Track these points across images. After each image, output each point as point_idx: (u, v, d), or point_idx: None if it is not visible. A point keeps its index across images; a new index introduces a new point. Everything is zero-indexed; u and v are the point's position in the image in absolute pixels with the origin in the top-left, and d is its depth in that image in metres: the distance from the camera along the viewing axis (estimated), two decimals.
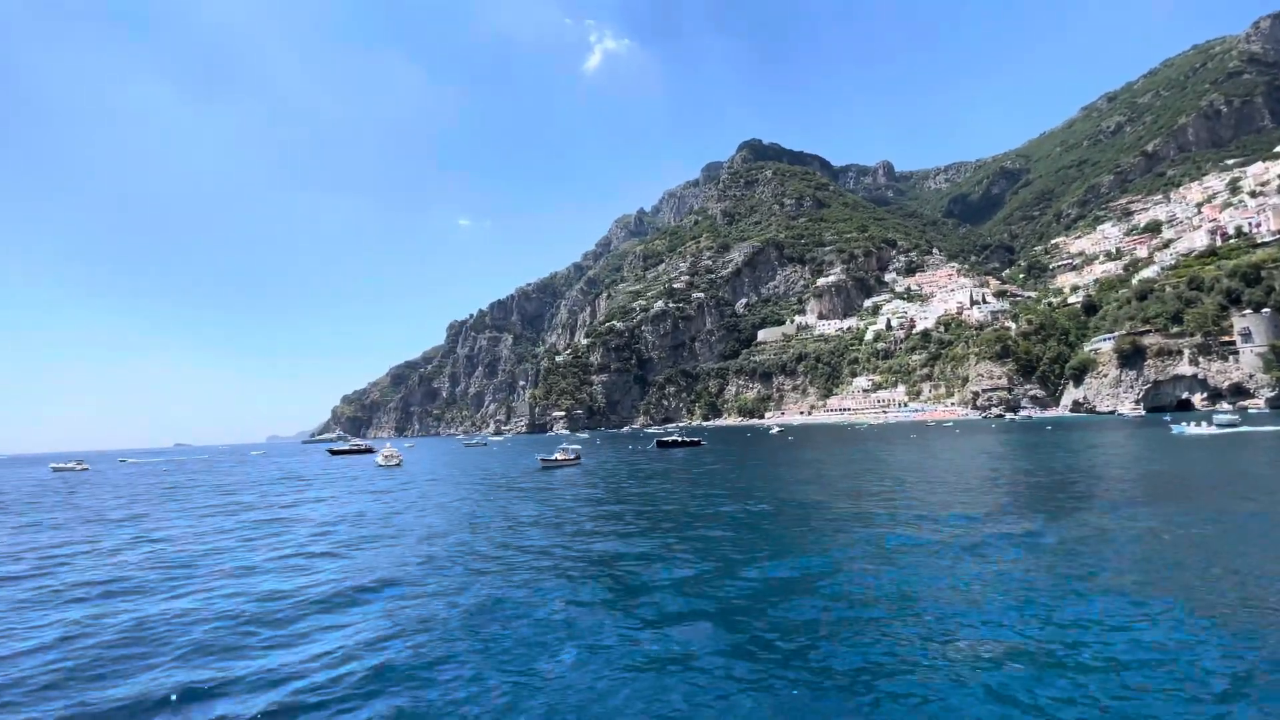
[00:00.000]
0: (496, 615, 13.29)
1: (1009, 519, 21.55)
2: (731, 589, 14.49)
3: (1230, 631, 10.36)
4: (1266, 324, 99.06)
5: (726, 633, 11.63)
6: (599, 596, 14.45)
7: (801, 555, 17.51)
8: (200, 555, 21.67)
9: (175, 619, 13.90)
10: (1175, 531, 18.17)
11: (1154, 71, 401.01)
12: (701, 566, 16.71)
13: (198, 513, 35.17)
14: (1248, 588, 12.67)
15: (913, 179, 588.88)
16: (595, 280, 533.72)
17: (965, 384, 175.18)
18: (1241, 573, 13.74)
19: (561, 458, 61.57)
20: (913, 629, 11.30)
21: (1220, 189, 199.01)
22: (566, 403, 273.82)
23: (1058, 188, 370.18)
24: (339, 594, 15.62)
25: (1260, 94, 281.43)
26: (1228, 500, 23.27)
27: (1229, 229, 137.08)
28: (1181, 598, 12.14)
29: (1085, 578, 13.92)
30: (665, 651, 10.86)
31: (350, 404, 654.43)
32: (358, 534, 24.94)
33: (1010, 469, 39.21)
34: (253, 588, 16.63)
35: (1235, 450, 42.51)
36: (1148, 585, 13.17)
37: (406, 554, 20.27)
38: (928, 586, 13.87)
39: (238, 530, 27.34)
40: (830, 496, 29.81)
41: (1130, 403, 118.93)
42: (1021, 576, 14.23)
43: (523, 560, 18.51)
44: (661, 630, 11.96)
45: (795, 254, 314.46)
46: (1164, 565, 14.76)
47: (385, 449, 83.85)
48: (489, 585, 15.78)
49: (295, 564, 19.53)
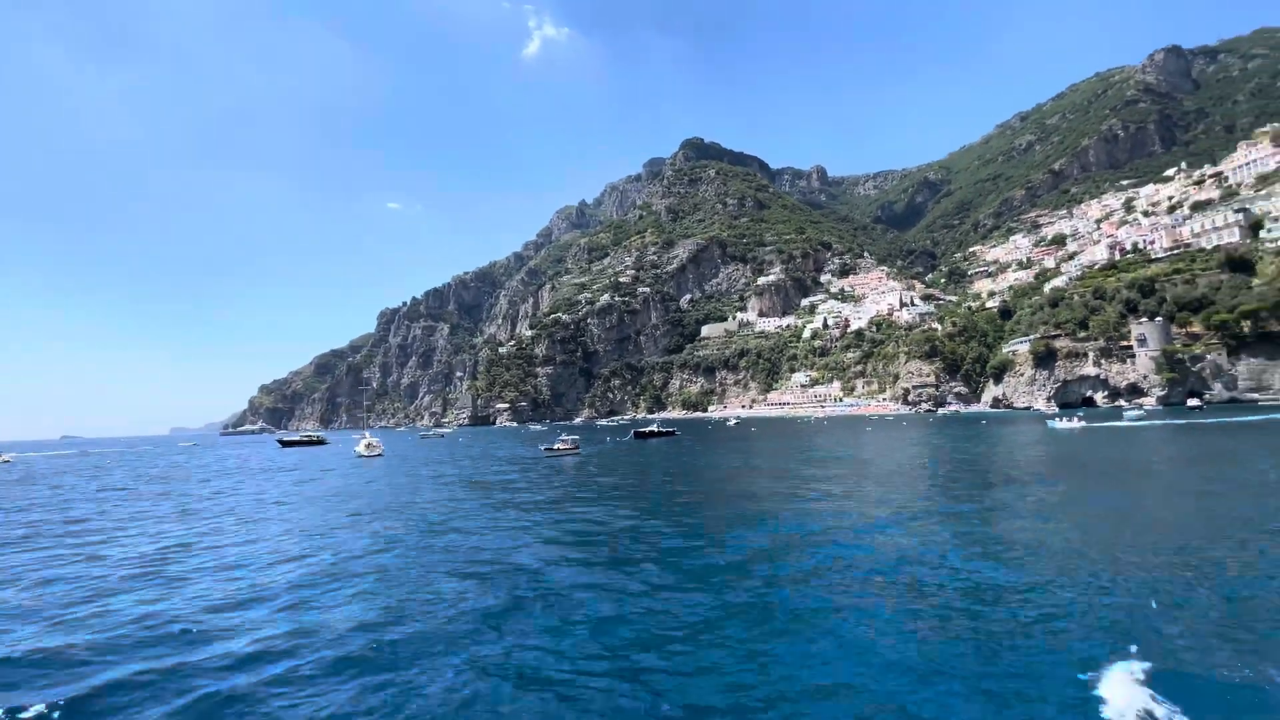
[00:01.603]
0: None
1: (932, 495, 26.72)
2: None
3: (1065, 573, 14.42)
4: (1159, 331, 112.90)
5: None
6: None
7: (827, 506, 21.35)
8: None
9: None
10: (1037, 501, 24.28)
11: (1061, 95, 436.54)
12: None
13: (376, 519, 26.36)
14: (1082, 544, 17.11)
15: (844, 184, 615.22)
16: (537, 271, 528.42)
17: (896, 381, 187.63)
18: (1083, 531, 18.60)
19: (562, 447, 65.82)
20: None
21: (1117, 207, 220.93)
22: (511, 395, 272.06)
23: (976, 199, 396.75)
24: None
25: (1152, 122, 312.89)
26: (1076, 479, 30.50)
27: (1127, 245, 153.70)
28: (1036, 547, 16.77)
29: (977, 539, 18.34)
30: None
31: (270, 394, 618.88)
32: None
33: (955, 453, 45.23)
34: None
35: (1091, 441, 51.50)
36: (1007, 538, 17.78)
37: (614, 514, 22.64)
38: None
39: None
40: (823, 468, 34.16)
41: (1043, 399, 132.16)
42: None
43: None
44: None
45: (737, 253, 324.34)
46: (1022, 522, 19.84)
47: (366, 438, 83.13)
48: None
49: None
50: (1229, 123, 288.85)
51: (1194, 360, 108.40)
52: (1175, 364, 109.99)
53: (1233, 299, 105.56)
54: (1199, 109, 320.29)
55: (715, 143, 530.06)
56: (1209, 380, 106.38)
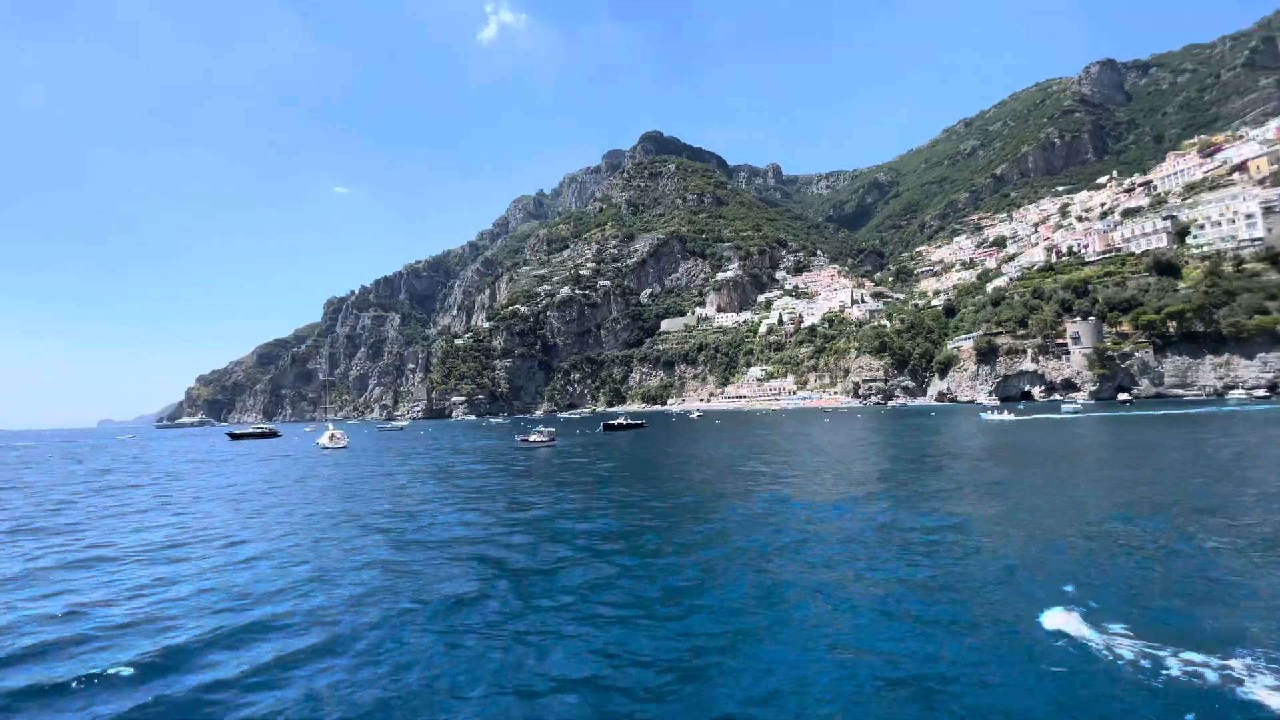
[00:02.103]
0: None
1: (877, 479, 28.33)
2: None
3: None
4: (1091, 330, 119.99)
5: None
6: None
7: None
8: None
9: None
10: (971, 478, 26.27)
11: (1003, 103, 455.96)
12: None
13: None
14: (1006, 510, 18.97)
15: (798, 183, 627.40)
16: (493, 261, 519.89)
17: (847, 375, 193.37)
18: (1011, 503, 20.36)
19: (538, 439, 64.78)
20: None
21: (1053, 212, 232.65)
22: (468, 387, 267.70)
23: (922, 201, 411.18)
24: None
25: (1087, 131, 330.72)
26: (996, 464, 34.05)
27: (1063, 248, 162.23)
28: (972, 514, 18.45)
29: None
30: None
31: (209, 385, 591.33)
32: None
33: (910, 441, 47.50)
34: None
35: (1020, 432, 55.98)
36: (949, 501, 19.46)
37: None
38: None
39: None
40: (787, 455, 35.41)
41: (985, 393, 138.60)
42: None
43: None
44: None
45: (697, 248, 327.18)
46: (950, 492, 21.29)
47: (329, 430, 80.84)
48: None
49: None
50: (1158, 134, 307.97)
51: (1123, 357, 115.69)
52: (1106, 361, 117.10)
53: (1160, 301, 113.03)
54: (1130, 120, 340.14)
55: (674, 137, 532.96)
56: (1136, 376, 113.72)
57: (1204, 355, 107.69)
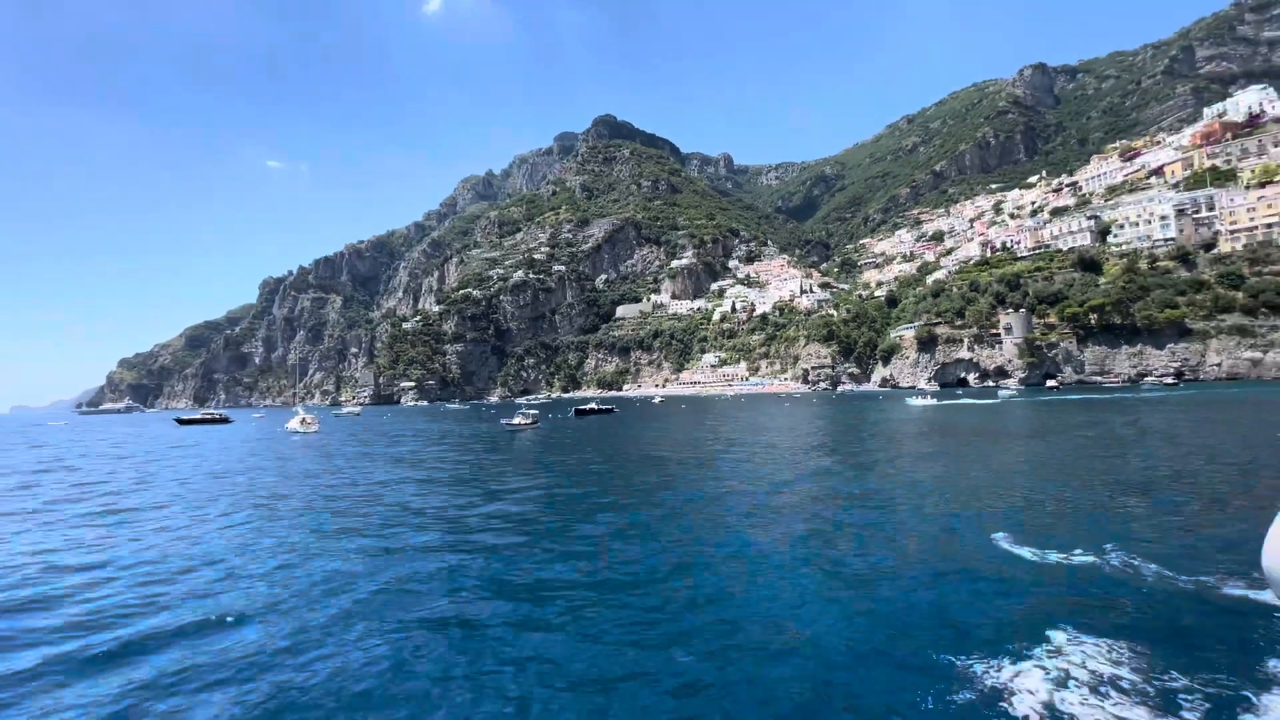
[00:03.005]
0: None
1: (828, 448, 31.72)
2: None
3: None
4: (1022, 321, 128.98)
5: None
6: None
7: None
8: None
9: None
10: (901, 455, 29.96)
11: (943, 101, 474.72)
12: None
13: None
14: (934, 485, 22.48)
15: (749, 173, 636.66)
16: (441, 243, 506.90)
17: (796, 362, 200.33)
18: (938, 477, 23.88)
19: (522, 422, 66.08)
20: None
21: (988, 209, 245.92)
22: (417, 373, 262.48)
23: (866, 194, 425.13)
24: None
25: (1019, 132, 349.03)
26: (914, 440, 39.14)
27: (997, 244, 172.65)
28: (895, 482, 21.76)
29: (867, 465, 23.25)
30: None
31: (132, 369, 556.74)
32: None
33: (867, 422, 51.57)
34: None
35: (940, 414, 61.91)
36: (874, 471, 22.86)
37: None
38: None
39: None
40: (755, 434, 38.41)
41: (925, 380, 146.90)
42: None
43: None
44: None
45: (652, 235, 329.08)
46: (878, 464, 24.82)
47: (300, 414, 79.22)
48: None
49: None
50: (1083, 136, 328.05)
51: (1050, 347, 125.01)
52: (1035, 350, 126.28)
53: (1083, 295, 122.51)
54: (1059, 122, 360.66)
55: (628, 122, 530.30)
56: (1061, 364, 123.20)
57: (1120, 345, 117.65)
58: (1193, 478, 22.50)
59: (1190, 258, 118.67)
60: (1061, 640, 9.18)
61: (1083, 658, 8.61)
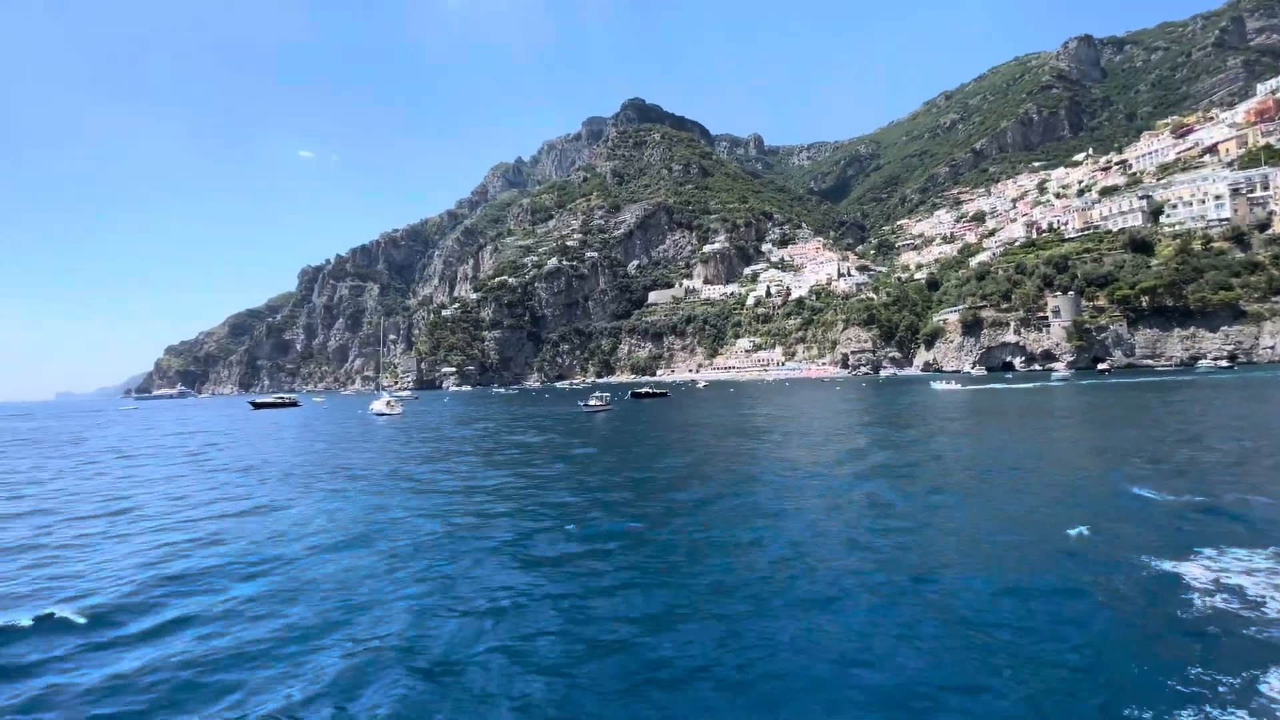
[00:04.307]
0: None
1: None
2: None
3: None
4: (1071, 303, 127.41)
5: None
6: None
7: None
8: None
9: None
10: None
11: (983, 77, 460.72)
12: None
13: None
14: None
15: (779, 154, 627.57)
16: (474, 231, 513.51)
17: (835, 346, 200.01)
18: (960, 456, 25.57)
19: (598, 404, 71.15)
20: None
21: (1031, 188, 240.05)
22: (458, 358, 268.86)
23: (902, 174, 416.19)
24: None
25: (1064, 107, 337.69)
26: (932, 422, 41.28)
27: (1043, 224, 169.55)
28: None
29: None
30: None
31: (179, 355, 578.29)
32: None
33: (916, 401, 53.16)
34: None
35: (964, 398, 63.61)
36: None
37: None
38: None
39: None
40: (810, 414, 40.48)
41: (970, 364, 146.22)
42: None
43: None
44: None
45: (684, 219, 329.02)
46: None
47: (384, 397, 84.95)
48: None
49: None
50: (1130, 111, 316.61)
51: (1099, 330, 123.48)
52: (1083, 333, 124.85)
53: (1134, 276, 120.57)
54: (1105, 97, 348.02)
55: (657, 105, 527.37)
56: (1110, 348, 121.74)
57: (1172, 328, 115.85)
58: None
59: (1245, 238, 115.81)
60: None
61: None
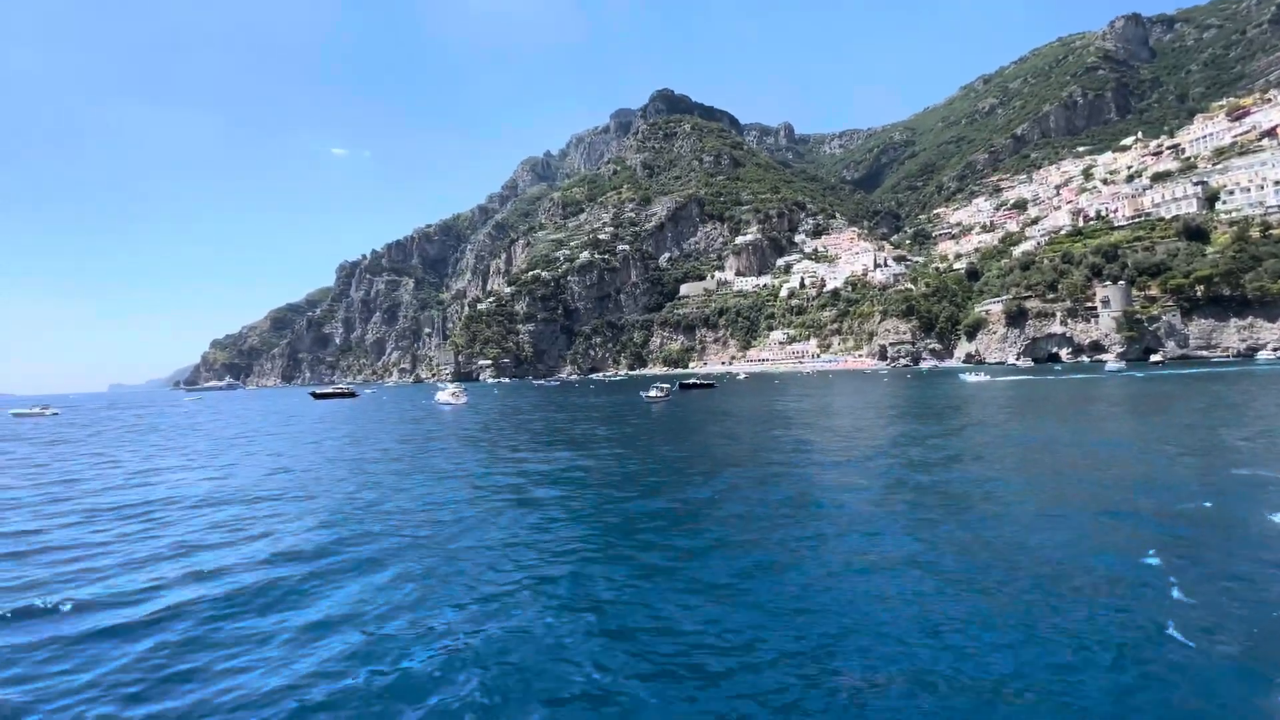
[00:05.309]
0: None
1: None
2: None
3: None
4: (1120, 294, 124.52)
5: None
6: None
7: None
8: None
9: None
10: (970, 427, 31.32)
11: (1023, 59, 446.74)
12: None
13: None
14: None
15: (810, 142, 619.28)
16: (505, 225, 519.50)
17: (872, 338, 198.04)
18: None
19: (657, 394, 74.14)
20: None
21: (1075, 174, 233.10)
22: (493, 351, 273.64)
23: (939, 161, 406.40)
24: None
25: (1110, 89, 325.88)
26: (962, 414, 41.29)
27: (1090, 212, 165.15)
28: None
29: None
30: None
31: (225, 349, 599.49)
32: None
33: (961, 392, 53.41)
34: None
35: (992, 390, 64.11)
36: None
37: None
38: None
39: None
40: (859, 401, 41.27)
41: (1014, 355, 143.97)
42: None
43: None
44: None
45: (715, 211, 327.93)
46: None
47: (449, 388, 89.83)
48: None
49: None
50: (1181, 92, 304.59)
51: (1150, 320, 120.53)
52: (1134, 324, 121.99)
53: (1188, 265, 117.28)
54: (1154, 78, 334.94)
55: (685, 95, 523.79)
56: (1163, 339, 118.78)
57: (1229, 318, 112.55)
58: None
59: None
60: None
61: None
